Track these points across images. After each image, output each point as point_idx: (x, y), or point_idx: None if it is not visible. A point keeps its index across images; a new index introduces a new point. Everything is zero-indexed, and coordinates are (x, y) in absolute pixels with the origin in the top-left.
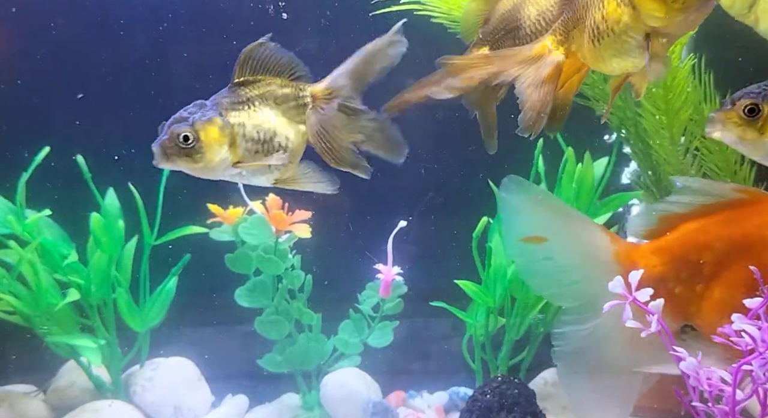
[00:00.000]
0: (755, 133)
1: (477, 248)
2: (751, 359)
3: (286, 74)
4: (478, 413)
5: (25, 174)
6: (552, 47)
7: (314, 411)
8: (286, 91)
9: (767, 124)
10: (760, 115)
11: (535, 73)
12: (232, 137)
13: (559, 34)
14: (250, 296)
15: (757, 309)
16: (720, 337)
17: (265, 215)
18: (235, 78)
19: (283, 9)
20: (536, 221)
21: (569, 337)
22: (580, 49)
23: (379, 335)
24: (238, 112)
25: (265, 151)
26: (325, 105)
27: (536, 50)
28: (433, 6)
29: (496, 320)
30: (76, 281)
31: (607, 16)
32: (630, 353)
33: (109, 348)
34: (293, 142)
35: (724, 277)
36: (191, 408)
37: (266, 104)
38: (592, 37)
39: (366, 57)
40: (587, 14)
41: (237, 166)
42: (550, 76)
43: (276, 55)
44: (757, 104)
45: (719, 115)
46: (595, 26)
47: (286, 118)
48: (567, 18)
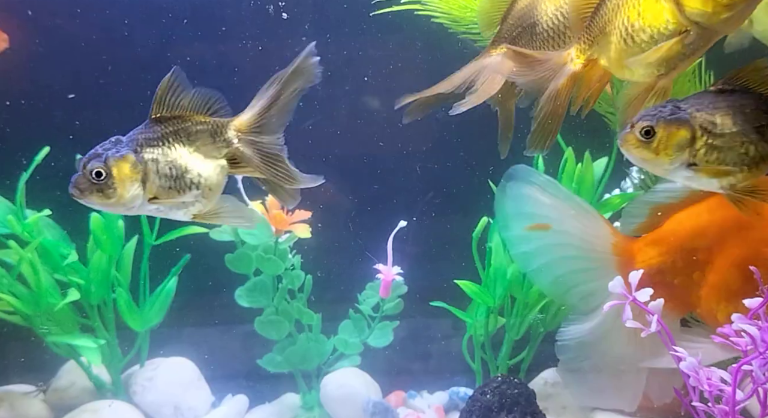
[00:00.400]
0: (651, 153)
1: (477, 248)
2: (751, 359)
3: (203, 110)
4: (478, 413)
5: (25, 174)
6: (574, 56)
7: (314, 411)
8: (201, 128)
9: (661, 145)
10: (654, 136)
11: (553, 85)
12: (144, 174)
13: (584, 40)
14: (250, 296)
15: (756, 309)
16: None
17: (265, 214)
18: (152, 114)
19: (283, 9)
20: (541, 209)
21: (572, 332)
22: (605, 54)
23: (379, 335)
24: (152, 148)
25: (177, 187)
26: (256, 136)
27: (561, 59)
28: (433, 6)
29: (496, 320)
30: (76, 281)
31: (644, 13)
32: (633, 348)
33: (109, 348)
34: (208, 179)
35: (718, 261)
36: (191, 408)
37: (180, 141)
38: (624, 37)
39: (282, 84)
40: (618, 15)
41: (152, 203)
42: (564, 89)
43: (191, 91)
44: (651, 127)
45: (622, 137)
46: (629, 25)
47: (201, 154)
48: (592, 23)
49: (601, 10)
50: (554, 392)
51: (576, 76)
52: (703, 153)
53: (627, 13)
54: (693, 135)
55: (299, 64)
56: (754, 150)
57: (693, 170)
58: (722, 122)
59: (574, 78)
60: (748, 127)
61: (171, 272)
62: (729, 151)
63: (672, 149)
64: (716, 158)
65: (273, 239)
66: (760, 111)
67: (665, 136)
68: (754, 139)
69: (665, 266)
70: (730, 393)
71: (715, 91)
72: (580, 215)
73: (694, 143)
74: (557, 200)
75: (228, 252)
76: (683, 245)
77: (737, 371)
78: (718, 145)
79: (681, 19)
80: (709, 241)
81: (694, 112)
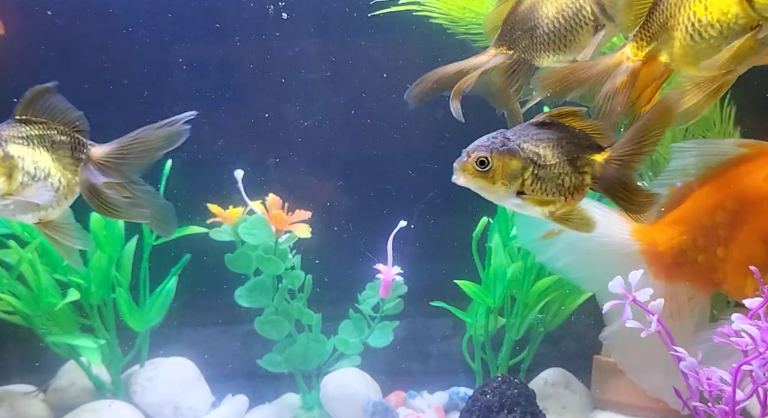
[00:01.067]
0: (488, 182)
1: (477, 248)
2: (751, 359)
3: (68, 125)
4: (478, 413)
5: None
6: (631, 54)
7: (314, 411)
8: (63, 139)
9: (497, 175)
10: (490, 166)
11: (609, 84)
12: (10, 169)
13: (642, 37)
14: (250, 296)
15: (756, 309)
16: None
17: (265, 214)
18: (18, 114)
19: (283, 9)
20: None
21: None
22: (668, 51)
23: (379, 335)
24: (18, 145)
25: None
26: (98, 170)
27: (615, 59)
28: (432, 7)
29: (496, 320)
30: (76, 281)
31: (711, 8)
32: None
33: (109, 348)
34: (66, 187)
35: (741, 235)
36: (191, 408)
37: (43, 146)
38: (690, 33)
39: (150, 136)
40: (682, 10)
41: (5, 198)
42: (623, 86)
43: (61, 105)
44: (487, 157)
45: (458, 166)
46: (696, 20)
47: (60, 164)
48: (651, 19)
49: (662, 6)
50: (554, 392)
51: (635, 73)
52: (530, 183)
53: (693, 8)
54: (523, 165)
55: (170, 124)
56: (569, 181)
57: (521, 198)
58: (545, 154)
59: (634, 75)
60: (564, 160)
61: (171, 272)
62: (549, 182)
63: (507, 179)
64: (540, 188)
65: (273, 239)
66: (572, 144)
67: (500, 166)
68: (569, 170)
69: (687, 244)
70: (730, 393)
71: (536, 124)
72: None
73: (523, 174)
74: None
75: (228, 252)
76: (703, 222)
77: (737, 371)
78: (542, 176)
79: (751, 13)
80: (729, 215)
81: (522, 144)
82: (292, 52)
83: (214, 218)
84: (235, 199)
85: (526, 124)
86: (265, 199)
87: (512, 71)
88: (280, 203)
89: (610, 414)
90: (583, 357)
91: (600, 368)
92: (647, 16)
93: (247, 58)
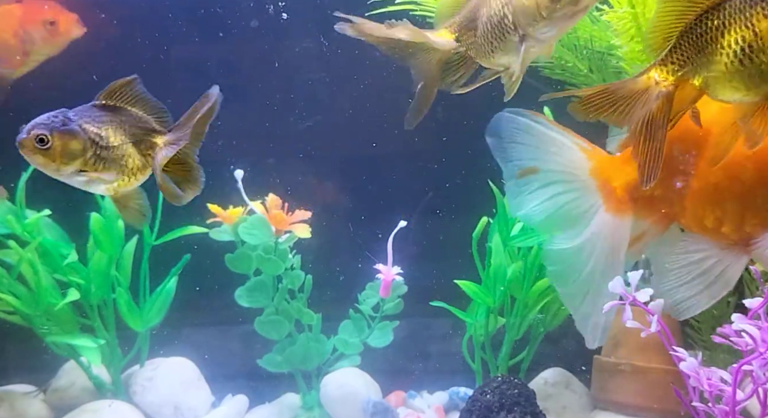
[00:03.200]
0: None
1: (477, 248)
2: (751, 359)
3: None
4: (478, 413)
5: (25, 174)
6: (660, 79)
7: (314, 411)
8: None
9: (57, 153)
10: (49, 144)
11: (644, 109)
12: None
13: (672, 61)
14: (250, 296)
15: (756, 309)
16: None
17: (265, 214)
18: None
19: (282, 9)
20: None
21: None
22: (702, 75)
23: (379, 335)
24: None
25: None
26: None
27: (641, 83)
28: (429, 6)
29: (496, 320)
30: (76, 281)
31: (763, 33)
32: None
33: (109, 348)
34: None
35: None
36: (191, 408)
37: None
38: (739, 57)
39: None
40: (726, 35)
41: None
42: (660, 111)
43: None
44: (45, 135)
45: (18, 142)
46: (745, 46)
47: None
48: (684, 43)
49: (699, 30)
50: (554, 392)
51: (670, 97)
52: (92, 163)
53: (740, 32)
54: (83, 146)
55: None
56: (132, 162)
57: (84, 176)
58: (107, 136)
59: (669, 100)
60: (127, 142)
61: (171, 272)
62: (113, 162)
63: (67, 158)
64: (103, 167)
65: (273, 239)
66: (135, 127)
67: (60, 145)
68: (132, 152)
69: None
70: (730, 393)
71: (99, 106)
72: (559, 149)
73: (85, 153)
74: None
75: (228, 252)
76: None
77: (737, 371)
78: (104, 157)
79: None
80: (687, 146)
81: (84, 124)
82: (291, 52)
83: (214, 218)
84: (235, 199)
85: (89, 105)
86: (265, 199)
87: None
88: (280, 203)
89: (610, 414)
90: (583, 357)
91: (600, 368)
92: (678, 40)
93: (246, 57)
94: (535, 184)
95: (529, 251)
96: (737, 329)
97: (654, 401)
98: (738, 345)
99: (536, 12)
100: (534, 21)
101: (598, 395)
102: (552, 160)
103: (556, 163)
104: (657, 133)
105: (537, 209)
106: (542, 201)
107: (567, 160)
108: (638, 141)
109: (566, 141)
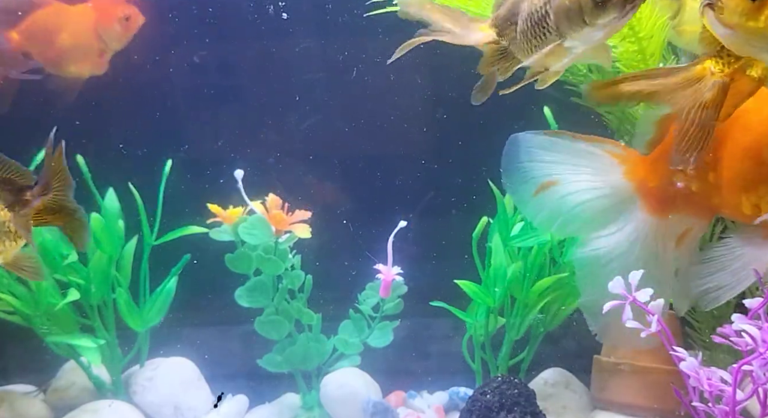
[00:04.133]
0: None
1: (477, 248)
2: (751, 359)
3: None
4: (478, 413)
5: None
6: (715, 70)
7: (314, 411)
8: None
9: None
10: None
11: (693, 97)
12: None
13: (729, 52)
14: (250, 296)
15: (756, 309)
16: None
17: (265, 215)
18: None
19: (282, 9)
20: (547, 168)
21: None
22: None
23: (379, 335)
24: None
25: None
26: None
27: (696, 72)
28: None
29: (496, 320)
30: (76, 281)
31: None
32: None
33: (109, 348)
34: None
35: (727, 156)
36: (191, 408)
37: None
38: None
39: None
40: None
41: None
42: (713, 102)
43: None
44: None
45: None
46: None
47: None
48: None
49: None
50: (554, 392)
51: (725, 88)
52: None
53: None
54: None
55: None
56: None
57: None
58: None
59: (725, 90)
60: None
61: (171, 272)
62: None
63: None
64: None
65: (273, 239)
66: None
67: None
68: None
69: (678, 176)
70: (730, 393)
71: None
72: (586, 159)
73: None
74: (564, 155)
75: (228, 252)
76: None
77: (737, 371)
78: None
79: None
80: (718, 136)
81: None
82: (291, 52)
83: (214, 218)
84: (235, 199)
85: None
86: (265, 200)
87: (499, 55)
88: (280, 203)
89: (610, 414)
90: (583, 357)
91: (600, 368)
92: None
93: (246, 58)
94: (556, 196)
95: (529, 251)
96: (737, 329)
97: (654, 401)
98: (738, 345)
99: (580, 18)
100: (577, 26)
101: (598, 395)
102: (578, 170)
103: (584, 173)
104: (707, 123)
105: (567, 219)
106: (571, 209)
107: (597, 169)
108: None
109: (595, 150)
